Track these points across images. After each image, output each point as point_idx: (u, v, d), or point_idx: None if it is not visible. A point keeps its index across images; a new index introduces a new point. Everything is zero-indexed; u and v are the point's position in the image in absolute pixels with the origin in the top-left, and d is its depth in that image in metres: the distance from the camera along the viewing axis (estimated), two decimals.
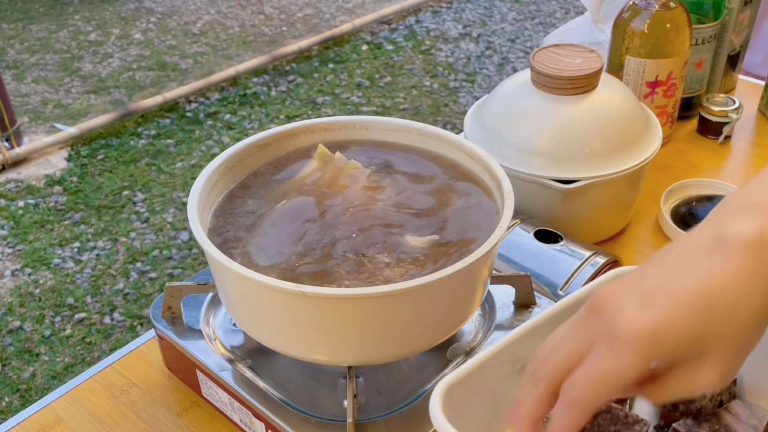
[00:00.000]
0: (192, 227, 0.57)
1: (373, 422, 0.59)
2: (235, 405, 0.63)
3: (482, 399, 0.49)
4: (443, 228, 0.61)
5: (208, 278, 0.71)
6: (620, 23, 0.95)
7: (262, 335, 0.59)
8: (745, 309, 0.38)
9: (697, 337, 0.38)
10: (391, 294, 0.52)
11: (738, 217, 0.39)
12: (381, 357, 0.58)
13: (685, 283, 0.38)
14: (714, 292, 0.38)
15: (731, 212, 0.40)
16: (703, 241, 0.40)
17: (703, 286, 0.38)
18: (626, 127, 0.81)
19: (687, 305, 0.37)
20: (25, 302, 1.96)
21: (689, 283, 0.38)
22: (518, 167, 0.79)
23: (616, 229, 0.88)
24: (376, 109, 2.80)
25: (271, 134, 0.69)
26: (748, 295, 0.38)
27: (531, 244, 0.75)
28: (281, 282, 0.52)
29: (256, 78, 2.99)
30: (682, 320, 0.37)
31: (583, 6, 1.44)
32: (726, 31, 1.05)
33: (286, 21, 3.50)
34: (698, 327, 0.38)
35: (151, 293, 1.98)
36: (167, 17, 3.53)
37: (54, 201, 2.32)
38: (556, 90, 0.80)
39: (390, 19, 3.48)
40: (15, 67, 3.11)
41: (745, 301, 0.38)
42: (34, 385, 1.74)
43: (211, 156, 2.51)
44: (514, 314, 0.68)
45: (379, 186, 0.66)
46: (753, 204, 0.40)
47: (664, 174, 0.99)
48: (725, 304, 0.38)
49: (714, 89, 1.11)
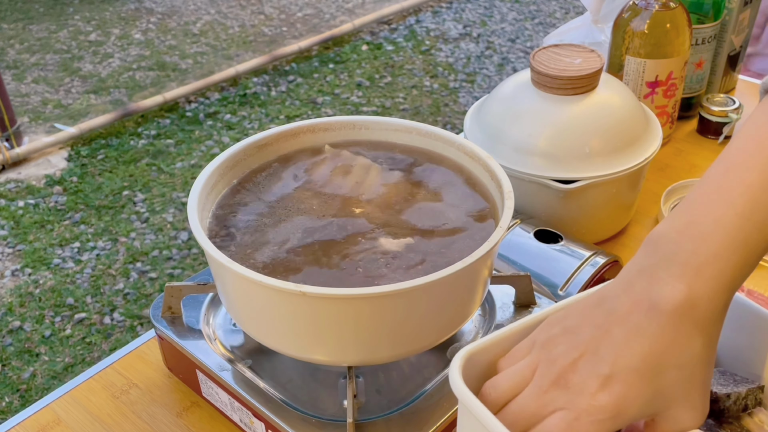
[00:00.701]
0: (192, 227, 0.57)
1: (373, 422, 0.59)
2: (235, 405, 0.63)
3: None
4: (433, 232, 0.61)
5: (208, 278, 0.71)
6: (620, 23, 0.95)
7: (262, 335, 0.59)
8: (689, 361, 0.42)
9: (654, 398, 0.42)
10: (392, 294, 0.52)
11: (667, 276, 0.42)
12: (381, 357, 0.58)
13: (636, 354, 0.42)
14: (660, 358, 0.42)
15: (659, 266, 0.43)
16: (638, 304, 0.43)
17: (650, 354, 0.42)
18: (626, 127, 0.81)
19: (641, 375, 0.42)
20: (25, 302, 1.96)
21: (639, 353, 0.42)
22: (518, 167, 0.79)
23: (616, 229, 0.88)
24: (376, 109, 2.80)
25: (271, 134, 0.69)
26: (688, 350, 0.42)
27: (531, 244, 0.75)
28: (281, 282, 0.52)
29: (256, 78, 2.99)
30: (640, 389, 0.42)
31: (583, 6, 1.44)
32: (726, 31, 1.05)
33: (286, 21, 3.50)
34: (654, 390, 0.42)
35: (151, 293, 1.99)
36: (167, 17, 3.53)
37: (54, 201, 2.32)
38: (556, 90, 0.80)
39: (390, 19, 3.48)
40: (15, 67, 3.11)
41: (688, 356, 0.42)
42: (34, 385, 1.74)
43: (211, 156, 2.51)
44: (514, 314, 0.68)
45: (386, 184, 0.66)
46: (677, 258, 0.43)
47: (664, 174, 0.99)
48: (672, 364, 0.42)
49: (714, 89, 1.11)
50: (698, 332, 0.42)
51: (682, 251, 0.43)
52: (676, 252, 0.43)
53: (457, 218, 0.62)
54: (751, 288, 0.76)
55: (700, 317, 0.42)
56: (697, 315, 0.42)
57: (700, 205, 0.44)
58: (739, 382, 0.52)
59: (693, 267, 0.42)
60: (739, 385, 0.51)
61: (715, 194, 0.44)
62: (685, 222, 0.44)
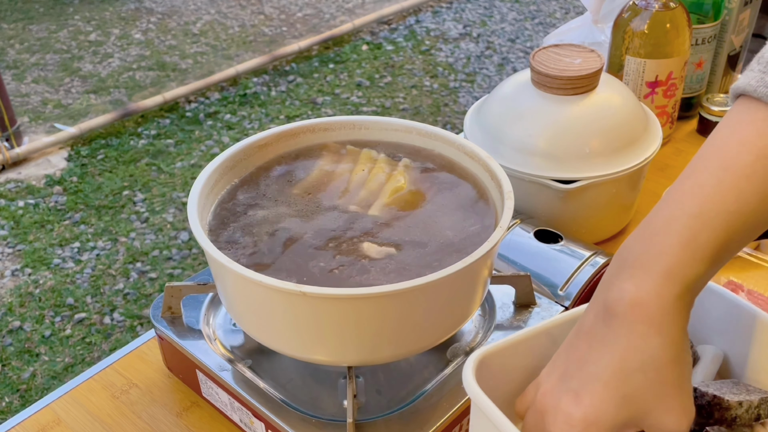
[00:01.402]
0: (192, 227, 0.57)
1: (373, 422, 0.59)
2: (235, 405, 0.63)
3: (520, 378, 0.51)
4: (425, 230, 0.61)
5: (208, 278, 0.71)
6: (620, 23, 0.95)
7: (262, 335, 0.59)
8: (652, 364, 0.42)
9: (629, 405, 0.42)
10: (392, 294, 0.52)
11: (618, 281, 0.43)
12: (381, 357, 0.58)
13: (598, 364, 0.43)
14: (620, 366, 0.42)
15: (615, 274, 0.44)
16: (599, 313, 0.44)
17: (611, 361, 0.42)
18: (626, 127, 0.81)
19: (606, 385, 0.42)
20: (25, 302, 1.96)
21: (601, 363, 0.43)
22: (518, 167, 0.79)
23: (616, 229, 0.88)
24: (376, 109, 2.80)
25: (271, 134, 0.69)
26: (647, 351, 0.42)
27: (531, 244, 0.75)
28: (281, 282, 0.52)
29: (256, 78, 2.99)
30: (609, 398, 0.42)
31: (583, 6, 1.44)
32: (726, 31, 1.05)
33: (286, 21, 3.50)
34: (624, 397, 0.42)
35: (151, 293, 1.99)
36: (167, 17, 3.53)
37: (54, 201, 2.32)
38: (556, 90, 0.80)
39: (390, 19, 3.48)
40: (15, 67, 3.11)
41: (648, 356, 0.42)
42: (34, 385, 1.74)
43: (211, 156, 2.51)
44: (514, 314, 0.68)
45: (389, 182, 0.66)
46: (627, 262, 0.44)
47: (664, 174, 0.99)
48: (634, 368, 0.42)
49: (714, 89, 1.11)
50: (654, 331, 0.42)
51: (633, 254, 0.44)
52: (628, 257, 0.44)
53: (456, 218, 0.62)
54: (751, 288, 0.76)
55: (652, 315, 0.42)
56: (648, 313, 0.42)
57: (656, 210, 0.45)
58: (752, 391, 0.52)
59: (640, 267, 0.43)
60: (751, 394, 0.51)
61: (670, 198, 0.45)
62: (641, 228, 0.45)
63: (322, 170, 0.68)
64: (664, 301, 0.42)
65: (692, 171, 0.45)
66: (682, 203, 0.44)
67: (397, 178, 0.67)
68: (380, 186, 0.66)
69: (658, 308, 0.42)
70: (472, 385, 0.45)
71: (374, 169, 0.68)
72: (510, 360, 0.50)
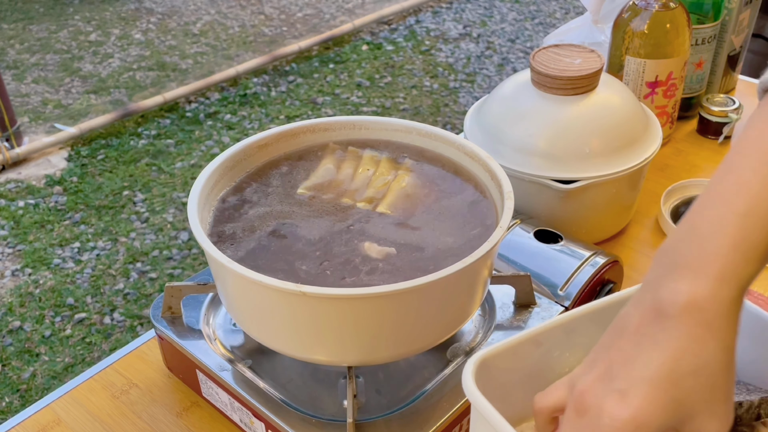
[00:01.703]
0: (192, 227, 0.57)
1: (373, 422, 0.59)
2: (235, 405, 0.63)
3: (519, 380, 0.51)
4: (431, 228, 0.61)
5: (208, 278, 0.71)
6: (620, 23, 0.95)
7: (261, 335, 0.59)
8: (705, 368, 0.41)
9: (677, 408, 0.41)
10: (391, 294, 0.52)
11: (670, 282, 0.42)
12: (381, 357, 0.58)
13: (648, 364, 0.41)
14: (672, 366, 0.41)
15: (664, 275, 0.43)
16: (646, 312, 0.43)
17: (663, 363, 0.41)
18: (626, 127, 0.81)
19: (656, 386, 0.41)
20: (25, 302, 1.96)
21: (651, 364, 0.41)
22: (518, 167, 0.79)
23: (616, 229, 0.88)
24: (376, 109, 2.80)
25: (271, 134, 0.69)
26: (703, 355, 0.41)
27: (531, 244, 0.75)
28: (281, 282, 0.52)
29: (256, 78, 2.99)
30: (659, 400, 0.41)
31: (583, 6, 1.44)
32: (726, 31, 1.05)
33: (286, 21, 3.50)
34: (673, 400, 0.41)
35: (151, 293, 1.99)
36: (167, 17, 3.53)
37: (54, 201, 2.32)
38: (556, 90, 0.80)
39: (390, 19, 3.48)
40: (15, 67, 3.11)
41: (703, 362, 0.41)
42: (34, 385, 1.74)
43: (211, 156, 2.51)
44: (514, 314, 0.68)
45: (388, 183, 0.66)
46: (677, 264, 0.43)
47: (664, 174, 0.99)
48: (687, 371, 0.41)
49: (714, 89, 1.11)
50: (710, 336, 0.41)
51: (683, 257, 0.43)
52: (678, 259, 0.43)
53: (456, 218, 0.62)
54: (751, 288, 0.76)
55: (709, 319, 0.41)
56: (706, 317, 0.41)
57: (700, 210, 0.44)
58: (752, 391, 0.52)
59: (694, 269, 0.42)
60: (752, 393, 0.51)
61: (713, 198, 0.44)
62: (685, 230, 0.44)
63: (324, 171, 0.68)
64: (720, 304, 0.41)
65: (730, 167, 0.44)
66: (729, 202, 0.43)
67: (398, 179, 0.67)
68: (381, 187, 0.66)
69: (715, 312, 0.41)
70: (472, 388, 0.45)
71: (376, 170, 0.68)
72: (510, 362, 0.50)
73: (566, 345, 0.52)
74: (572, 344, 0.52)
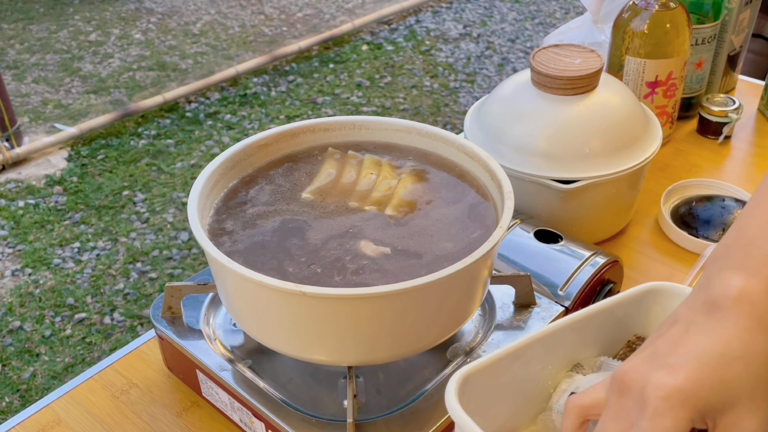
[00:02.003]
0: (192, 227, 0.57)
1: (373, 422, 0.59)
2: (235, 405, 0.63)
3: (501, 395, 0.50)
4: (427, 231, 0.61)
5: (208, 278, 0.71)
6: (620, 23, 0.95)
7: (261, 335, 0.59)
8: (755, 358, 0.41)
9: (722, 390, 0.41)
10: (391, 294, 0.52)
11: (722, 277, 0.43)
12: (381, 357, 0.58)
13: (697, 345, 0.41)
14: (722, 350, 0.41)
15: (716, 272, 0.44)
16: (698, 307, 0.43)
17: (711, 347, 0.41)
18: (626, 127, 0.81)
19: (704, 364, 0.41)
20: (25, 302, 1.96)
21: (700, 345, 0.41)
22: (518, 167, 0.79)
23: (616, 229, 0.88)
24: (376, 109, 2.80)
25: (271, 134, 0.69)
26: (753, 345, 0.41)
27: (531, 244, 0.75)
28: (281, 282, 0.52)
29: (256, 78, 2.99)
30: (705, 376, 0.41)
31: (583, 6, 1.44)
32: (726, 31, 1.05)
33: (286, 21, 3.50)
34: (720, 382, 0.41)
35: (151, 293, 1.99)
36: (167, 17, 3.53)
37: (54, 201, 2.32)
38: (556, 90, 0.80)
39: (390, 19, 3.48)
40: (15, 67, 3.11)
41: (753, 352, 0.41)
42: (34, 385, 1.74)
43: (211, 156, 2.51)
44: (514, 314, 0.68)
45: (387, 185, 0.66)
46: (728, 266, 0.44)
47: (664, 174, 0.99)
48: (736, 358, 0.41)
49: (714, 89, 1.11)
50: (761, 329, 0.41)
51: (732, 260, 0.44)
52: (728, 262, 0.44)
53: (456, 219, 0.62)
54: None
55: (760, 313, 0.42)
56: (757, 311, 0.42)
57: (747, 217, 0.46)
58: None
59: (745, 270, 0.43)
60: None
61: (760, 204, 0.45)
62: (734, 236, 0.45)
63: (324, 171, 0.68)
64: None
65: None
66: None
67: (401, 182, 0.67)
68: (381, 188, 0.66)
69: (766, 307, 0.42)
70: (455, 406, 0.44)
71: (378, 171, 0.68)
72: (492, 377, 0.49)
73: (548, 358, 0.52)
74: (554, 357, 0.52)
